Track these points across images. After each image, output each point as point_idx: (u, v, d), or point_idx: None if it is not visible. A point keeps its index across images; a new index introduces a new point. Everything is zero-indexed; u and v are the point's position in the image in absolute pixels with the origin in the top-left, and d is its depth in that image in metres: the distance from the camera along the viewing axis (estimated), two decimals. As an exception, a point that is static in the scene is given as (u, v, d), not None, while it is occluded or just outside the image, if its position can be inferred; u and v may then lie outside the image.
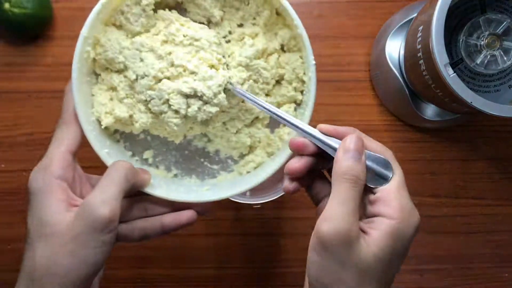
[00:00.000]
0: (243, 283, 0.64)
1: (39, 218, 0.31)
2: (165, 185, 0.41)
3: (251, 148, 0.44)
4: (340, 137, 0.34)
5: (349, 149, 0.32)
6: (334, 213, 0.31)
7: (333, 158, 0.33)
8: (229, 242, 0.64)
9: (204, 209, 0.38)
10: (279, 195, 0.54)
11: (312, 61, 0.39)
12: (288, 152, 0.38)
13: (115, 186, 0.32)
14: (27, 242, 0.32)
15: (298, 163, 0.35)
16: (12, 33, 0.62)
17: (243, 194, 0.56)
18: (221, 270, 0.64)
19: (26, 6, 0.58)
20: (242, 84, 0.39)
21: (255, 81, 0.41)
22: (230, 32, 0.43)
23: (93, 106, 0.40)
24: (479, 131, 0.65)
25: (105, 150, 0.39)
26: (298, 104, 0.43)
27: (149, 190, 0.38)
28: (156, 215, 0.38)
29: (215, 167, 0.44)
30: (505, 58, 0.48)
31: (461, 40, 0.49)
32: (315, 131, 0.35)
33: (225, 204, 0.64)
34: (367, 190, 0.34)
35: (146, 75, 0.38)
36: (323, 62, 0.64)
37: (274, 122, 0.43)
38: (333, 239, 0.30)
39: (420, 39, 0.50)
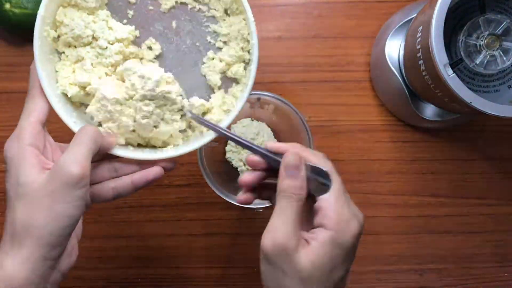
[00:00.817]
0: (244, 283, 0.65)
1: (15, 180, 0.34)
2: (128, 147, 0.43)
3: (208, 109, 0.46)
4: (283, 152, 0.37)
5: (287, 166, 0.35)
6: (274, 227, 0.34)
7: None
8: (229, 242, 0.64)
9: (168, 166, 0.42)
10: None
11: (251, 18, 0.42)
12: (242, 105, 0.43)
13: (84, 147, 0.35)
14: (8, 206, 0.34)
15: (249, 176, 0.39)
16: (13, 33, 0.62)
17: None
18: (221, 270, 0.64)
19: (27, 6, 0.58)
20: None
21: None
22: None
23: (57, 81, 0.43)
24: (479, 131, 0.65)
25: (72, 119, 0.42)
26: (246, 63, 0.46)
27: (116, 151, 0.41)
28: (126, 175, 0.41)
29: None
30: (504, 58, 0.49)
31: (460, 40, 0.49)
32: (264, 149, 0.38)
33: (226, 204, 0.64)
34: (314, 201, 0.36)
35: (118, 41, 0.43)
36: (323, 62, 0.64)
37: (228, 83, 0.46)
38: (272, 251, 0.33)
39: (419, 39, 0.50)
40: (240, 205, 0.54)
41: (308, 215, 0.36)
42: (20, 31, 0.61)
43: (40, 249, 0.32)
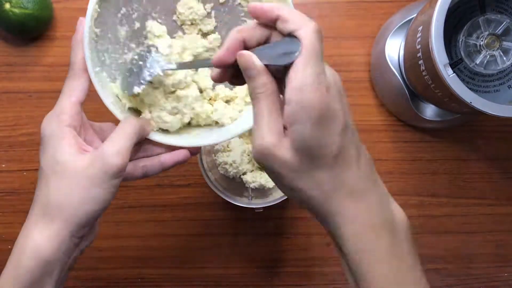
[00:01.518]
0: (244, 283, 0.65)
1: (53, 158, 0.35)
2: (162, 133, 0.44)
3: (232, 98, 0.47)
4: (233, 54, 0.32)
5: (243, 68, 0.31)
6: (256, 133, 0.31)
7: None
8: (229, 242, 0.64)
9: (194, 150, 0.43)
10: (281, 200, 0.54)
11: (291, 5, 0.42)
12: None
13: (128, 140, 0.36)
14: (41, 180, 0.36)
15: (222, 53, 0.32)
16: (13, 33, 0.62)
17: (245, 198, 0.56)
18: (221, 270, 0.64)
19: (27, 6, 0.58)
20: None
21: None
22: None
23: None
24: (479, 131, 0.65)
25: (110, 100, 0.42)
26: None
27: (151, 137, 0.43)
28: (155, 155, 0.42)
29: None
30: (504, 58, 0.49)
31: (460, 40, 0.49)
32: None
33: (226, 204, 0.64)
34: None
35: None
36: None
37: None
38: (259, 158, 0.31)
39: (419, 39, 0.50)
40: (241, 204, 0.54)
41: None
42: (20, 31, 0.61)
43: (70, 227, 0.34)
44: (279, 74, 0.31)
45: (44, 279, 0.34)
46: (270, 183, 0.56)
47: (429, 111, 0.60)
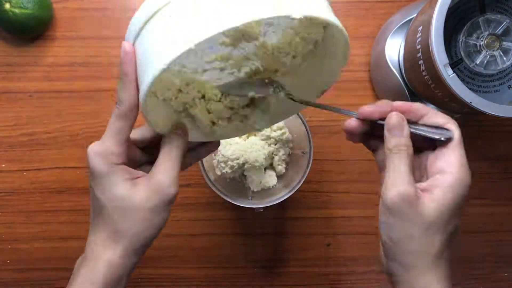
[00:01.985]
0: (244, 283, 0.65)
1: (110, 193, 0.36)
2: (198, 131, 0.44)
3: None
4: (382, 115, 0.38)
5: (391, 127, 0.37)
6: (392, 181, 0.36)
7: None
8: (229, 242, 0.64)
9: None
10: (281, 200, 0.54)
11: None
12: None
13: (177, 164, 0.37)
14: (100, 211, 0.37)
15: (353, 123, 0.40)
16: (13, 33, 0.62)
17: (245, 198, 0.56)
18: (221, 270, 0.64)
19: (27, 6, 0.58)
20: None
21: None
22: None
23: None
24: (479, 131, 0.65)
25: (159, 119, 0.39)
26: None
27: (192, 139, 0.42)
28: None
29: None
30: (504, 59, 0.49)
31: (460, 40, 0.49)
32: (356, 115, 0.40)
33: (226, 204, 0.64)
34: (428, 154, 0.38)
35: None
36: (323, 62, 0.64)
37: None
38: (397, 202, 0.35)
39: (419, 39, 0.50)
40: (243, 205, 0.54)
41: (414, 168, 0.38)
42: (20, 31, 0.61)
43: (136, 248, 0.38)
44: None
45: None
46: (270, 183, 0.56)
47: (429, 111, 0.60)
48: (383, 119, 0.38)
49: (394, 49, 0.59)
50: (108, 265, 0.37)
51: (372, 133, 0.40)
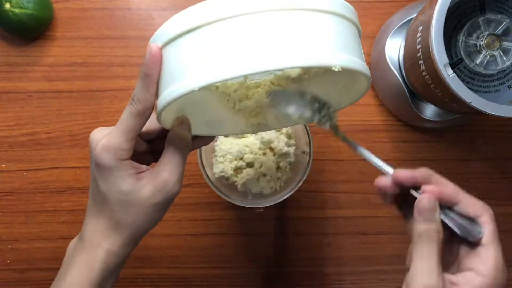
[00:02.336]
0: (244, 283, 0.65)
1: (115, 187, 0.37)
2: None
3: None
4: (416, 183, 0.36)
5: (422, 211, 0.35)
6: (420, 271, 0.34)
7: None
8: (229, 242, 0.64)
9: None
10: (281, 200, 0.54)
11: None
12: None
13: (182, 164, 0.38)
14: (106, 203, 0.38)
15: (384, 181, 0.38)
16: (13, 33, 0.62)
17: (245, 198, 0.56)
18: (221, 270, 0.64)
19: (27, 6, 0.58)
20: None
21: None
22: None
23: None
24: (479, 131, 0.65)
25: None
26: None
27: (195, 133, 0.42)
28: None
29: None
30: (504, 58, 0.49)
31: (460, 40, 0.49)
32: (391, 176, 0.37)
33: (226, 204, 0.64)
34: (460, 242, 0.36)
35: None
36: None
37: None
38: None
39: (419, 39, 0.50)
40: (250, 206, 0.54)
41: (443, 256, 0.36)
42: (20, 31, 0.61)
43: (135, 239, 0.39)
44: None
45: (109, 279, 0.39)
46: (265, 190, 0.56)
47: (429, 111, 0.60)
48: (417, 188, 0.36)
49: (394, 49, 0.59)
50: (108, 254, 0.38)
51: (407, 199, 0.37)
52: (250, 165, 0.56)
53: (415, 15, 0.55)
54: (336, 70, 0.30)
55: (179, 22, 0.31)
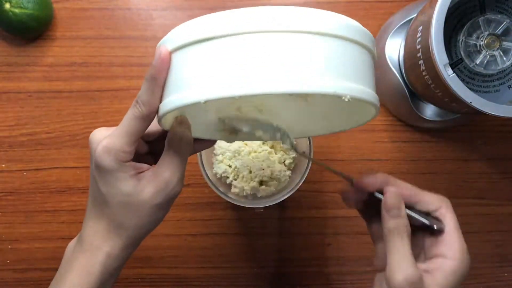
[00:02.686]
0: (244, 283, 0.65)
1: (116, 188, 0.36)
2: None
3: None
4: (377, 188, 0.39)
5: (389, 207, 0.37)
6: (398, 264, 0.36)
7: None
8: (229, 242, 0.64)
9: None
10: (281, 200, 0.54)
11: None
12: None
13: (183, 163, 0.38)
14: (106, 204, 0.37)
15: (348, 189, 0.41)
16: (13, 33, 0.62)
17: (245, 198, 0.56)
18: (221, 270, 0.64)
19: (27, 6, 0.58)
20: None
21: None
22: None
23: None
24: (479, 131, 0.65)
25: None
26: None
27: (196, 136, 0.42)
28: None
29: None
30: (504, 58, 0.49)
31: (460, 40, 0.49)
32: (352, 184, 0.40)
33: (226, 204, 0.64)
34: (423, 235, 0.39)
35: None
36: (323, 62, 0.64)
37: None
38: (404, 287, 0.35)
39: (419, 39, 0.50)
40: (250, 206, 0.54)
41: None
42: (20, 31, 0.61)
43: (136, 240, 0.39)
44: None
45: (109, 281, 0.39)
46: (257, 192, 0.56)
47: (429, 111, 0.60)
48: (380, 191, 0.39)
49: (394, 49, 0.59)
50: (108, 257, 0.38)
51: (369, 202, 0.40)
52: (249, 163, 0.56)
53: (415, 15, 0.55)
54: (346, 100, 0.30)
55: (195, 29, 0.31)
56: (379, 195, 0.39)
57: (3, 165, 0.63)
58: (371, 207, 0.40)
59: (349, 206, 0.41)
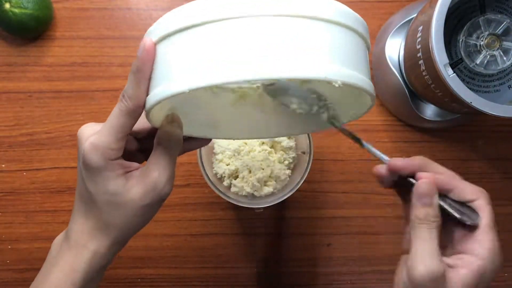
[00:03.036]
0: (243, 283, 0.65)
1: (105, 188, 0.35)
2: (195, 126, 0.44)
3: None
4: (413, 172, 0.37)
5: (421, 196, 0.35)
6: (421, 255, 0.34)
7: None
8: (229, 242, 0.64)
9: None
10: (281, 200, 0.54)
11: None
12: None
13: (173, 163, 0.37)
14: (94, 204, 0.36)
15: (382, 170, 0.39)
16: (13, 33, 0.62)
17: (245, 198, 0.56)
18: (221, 270, 0.64)
19: (27, 6, 0.58)
20: None
21: None
22: None
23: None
24: (479, 131, 0.65)
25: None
26: None
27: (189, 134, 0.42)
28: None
29: None
30: (504, 58, 0.49)
31: (460, 40, 0.49)
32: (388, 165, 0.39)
33: (226, 204, 0.64)
34: (455, 226, 0.37)
35: None
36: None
37: None
38: (425, 280, 0.33)
39: (420, 39, 0.50)
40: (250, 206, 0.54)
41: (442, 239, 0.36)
42: (20, 31, 0.61)
43: (123, 239, 0.38)
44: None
45: (95, 279, 0.38)
46: (257, 192, 0.56)
47: (429, 111, 0.60)
48: (413, 176, 0.37)
49: (394, 49, 0.59)
50: (93, 255, 0.37)
51: (405, 184, 0.38)
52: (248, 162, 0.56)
53: (415, 15, 0.55)
54: (337, 85, 0.29)
55: (177, 17, 0.29)
56: (412, 180, 0.37)
57: (3, 165, 0.63)
58: (407, 189, 0.38)
59: (383, 185, 0.40)
